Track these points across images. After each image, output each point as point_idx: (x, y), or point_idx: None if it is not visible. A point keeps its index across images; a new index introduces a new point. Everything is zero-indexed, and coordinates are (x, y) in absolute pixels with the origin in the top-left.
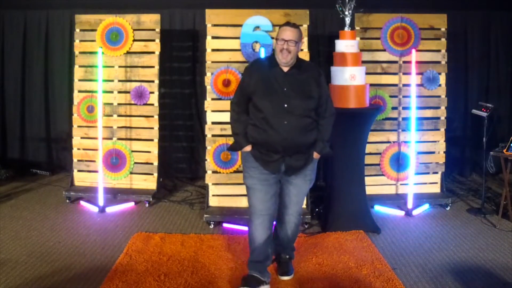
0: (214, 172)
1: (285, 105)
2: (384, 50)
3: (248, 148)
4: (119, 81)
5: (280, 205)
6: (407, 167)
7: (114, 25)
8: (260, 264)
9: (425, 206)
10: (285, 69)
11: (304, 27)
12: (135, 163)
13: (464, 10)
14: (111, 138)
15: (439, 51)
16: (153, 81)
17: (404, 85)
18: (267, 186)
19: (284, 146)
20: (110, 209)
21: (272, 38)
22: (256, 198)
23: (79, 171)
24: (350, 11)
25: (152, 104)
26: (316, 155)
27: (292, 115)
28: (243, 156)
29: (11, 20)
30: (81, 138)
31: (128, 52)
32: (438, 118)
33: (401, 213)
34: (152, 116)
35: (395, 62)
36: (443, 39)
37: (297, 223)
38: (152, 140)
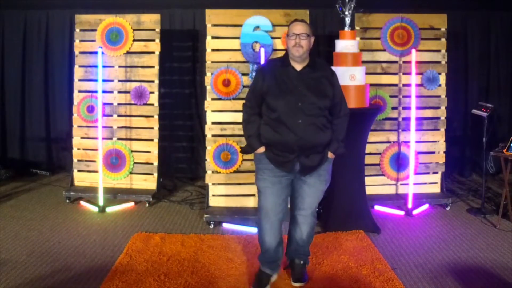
0: (214, 172)
1: (299, 104)
2: (384, 50)
3: (261, 149)
4: (119, 81)
5: (293, 206)
6: (407, 167)
7: (114, 25)
8: (271, 264)
9: (425, 206)
10: (298, 68)
11: None
12: (135, 163)
13: (464, 10)
14: (111, 138)
15: (439, 51)
16: (153, 81)
17: (404, 85)
18: (279, 189)
19: (299, 145)
20: (110, 209)
21: (272, 38)
22: (267, 201)
23: (79, 171)
24: (350, 11)
25: (152, 104)
26: (330, 155)
27: (307, 114)
28: (256, 157)
29: (11, 20)
30: (81, 138)
31: (128, 52)
32: (438, 118)
33: (401, 213)
34: (152, 116)
35: (395, 62)
36: (443, 39)
37: (312, 224)
38: (152, 140)
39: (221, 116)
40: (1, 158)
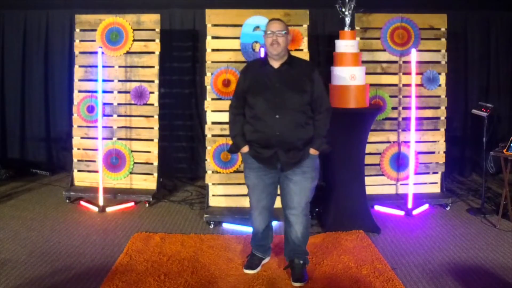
0: (214, 172)
1: (277, 100)
2: (384, 50)
3: (245, 148)
4: (119, 81)
5: (283, 205)
6: (407, 167)
7: (114, 25)
8: (262, 247)
9: (425, 206)
10: (276, 65)
11: (304, 27)
12: (135, 163)
13: (464, 10)
14: (111, 138)
15: (439, 51)
16: (153, 81)
17: (404, 85)
18: (263, 186)
19: (277, 140)
20: (110, 209)
21: None
22: (253, 196)
23: (79, 171)
24: (350, 11)
25: (152, 104)
26: (313, 151)
27: (285, 110)
28: (243, 157)
29: (11, 20)
30: (81, 138)
31: (128, 52)
32: (438, 118)
33: (401, 213)
34: (152, 116)
35: (395, 62)
36: (443, 39)
37: (305, 223)
38: (152, 140)
39: (221, 116)
40: (1, 158)
